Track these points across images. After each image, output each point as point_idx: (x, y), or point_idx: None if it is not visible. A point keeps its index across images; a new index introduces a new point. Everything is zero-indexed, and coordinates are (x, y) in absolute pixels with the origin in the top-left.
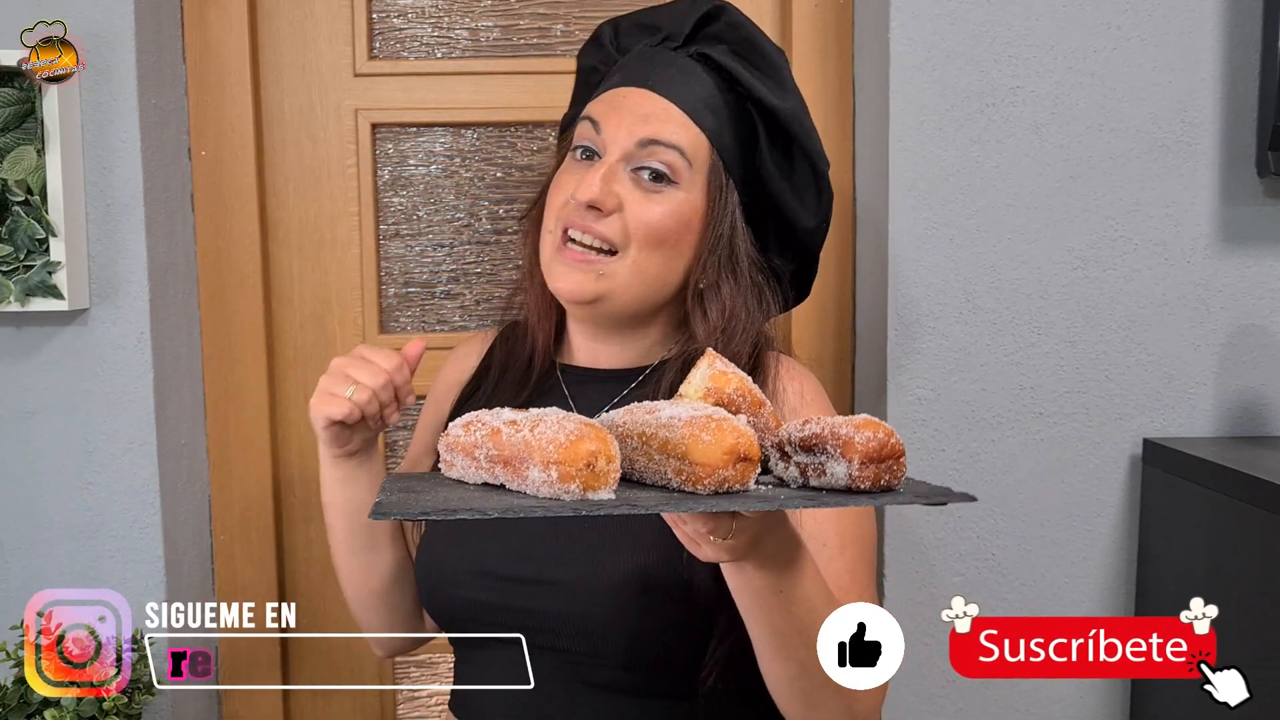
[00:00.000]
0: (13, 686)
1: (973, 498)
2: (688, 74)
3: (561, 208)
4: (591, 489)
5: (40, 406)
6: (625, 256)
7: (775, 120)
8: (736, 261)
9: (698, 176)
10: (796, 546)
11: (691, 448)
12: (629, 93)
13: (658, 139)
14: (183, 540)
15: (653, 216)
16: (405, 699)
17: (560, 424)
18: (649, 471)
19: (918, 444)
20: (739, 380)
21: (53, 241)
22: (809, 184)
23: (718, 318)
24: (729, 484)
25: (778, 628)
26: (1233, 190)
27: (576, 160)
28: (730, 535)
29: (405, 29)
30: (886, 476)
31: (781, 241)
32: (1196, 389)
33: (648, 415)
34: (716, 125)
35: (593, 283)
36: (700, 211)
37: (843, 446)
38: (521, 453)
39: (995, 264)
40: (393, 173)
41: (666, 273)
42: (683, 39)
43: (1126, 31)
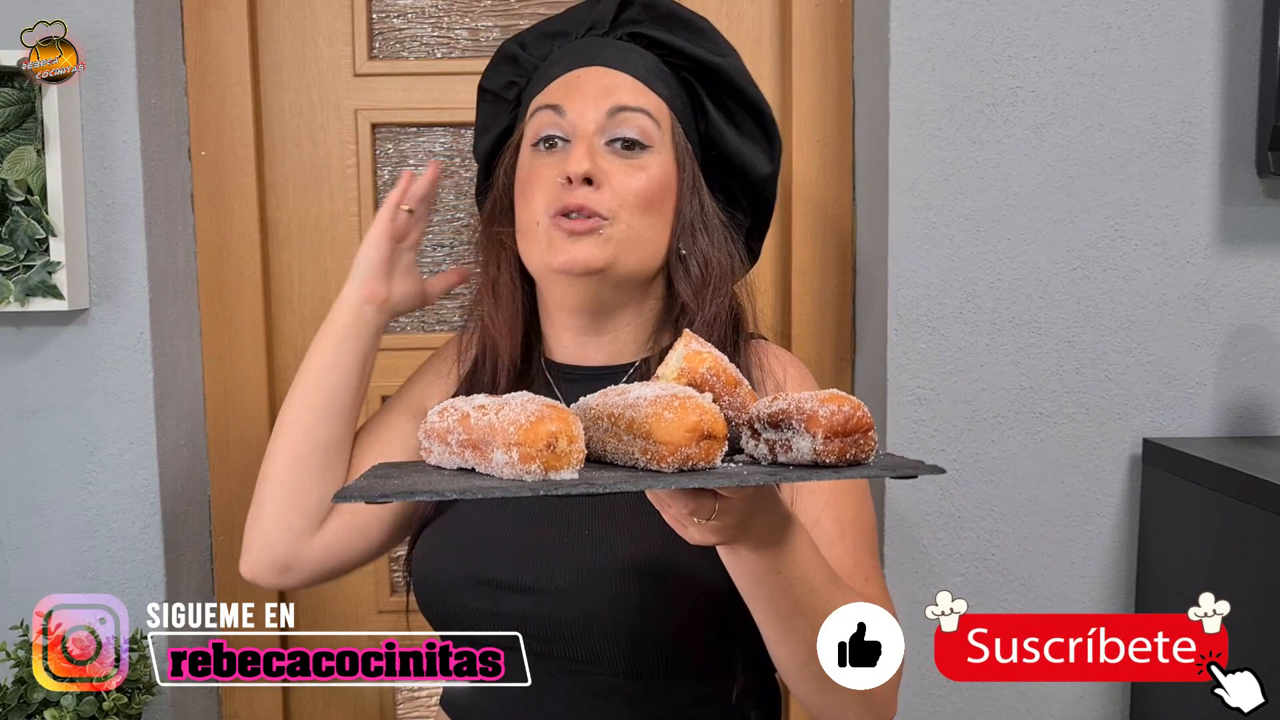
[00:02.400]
0: (13, 686)
1: (941, 470)
2: (627, 51)
3: (547, 193)
4: (554, 469)
5: (40, 406)
6: (618, 221)
7: (716, 77)
8: (708, 217)
9: (665, 139)
10: (789, 526)
11: (655, 426)
12: (583, 73)
13: (626, 105)
14: (183, 540)
15: (638, 183)
16: (405, 698)
17: (523, 406)
18: (619, 453)
19: (917, 444)
20: (713, 359)
21: (53, 241)
22: (756, 132)
23: (698, 271)
24: (693, 461)
25: (780, 611)
26: (1233, 190)
27: (541, 153)
28: (714, 516)
29: (405, 29)
30: (853, 450)
31: (738, 195)
32: (1196, 389)
33: (618, 397)
34: (668, 92)
35: (600, 250)
36: (674, 173)
37: (807, 421)
38: (486, 436)
39: (995, 264)
40: (393, 173)
41: (656, 234)
42: (608, 25)
43: (1126, 31)
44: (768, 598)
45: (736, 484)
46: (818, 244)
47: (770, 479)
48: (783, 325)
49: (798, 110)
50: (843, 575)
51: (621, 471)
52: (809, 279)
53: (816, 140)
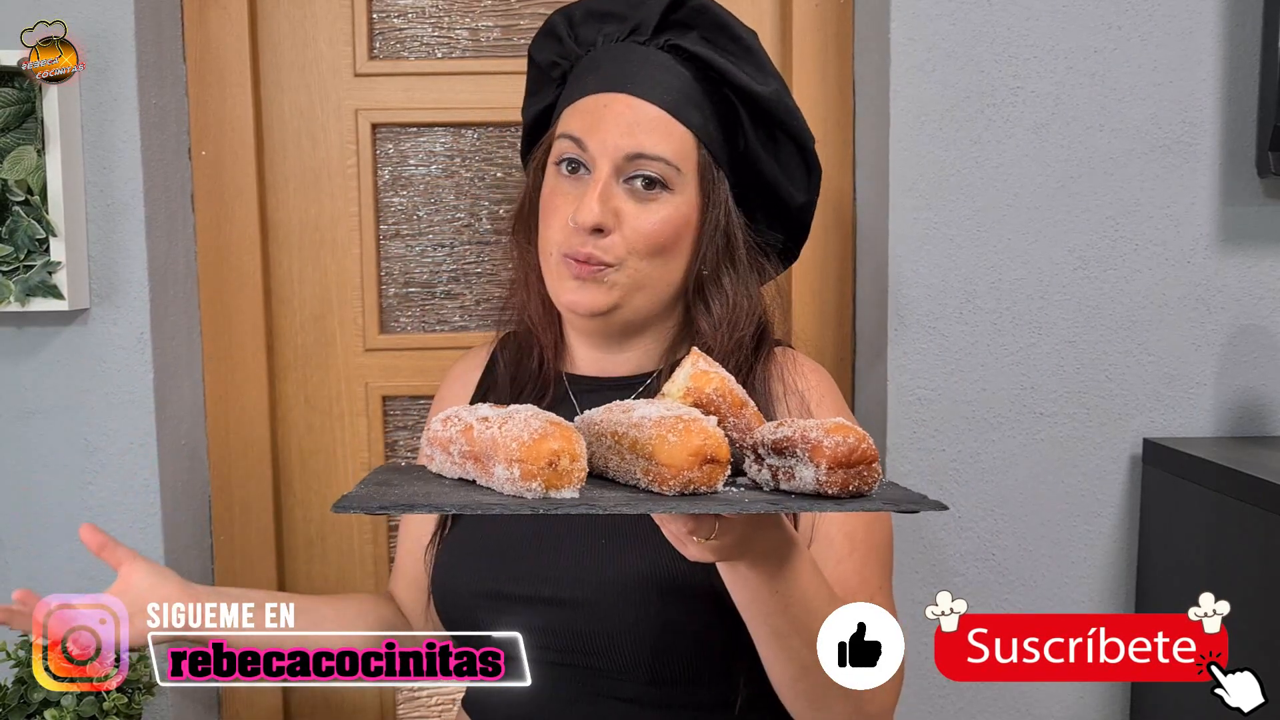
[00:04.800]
0: (13, 686)
1: (944, 506)
2: (663, 69)
3: (560, 231)
4: (554, 488)
5: (40, 406)
6: (624, 268)
7: (757, 105)
8: (734, 249)
9: (689, 178)
10: (789, 546)
11: (658, 448)
12: (609, 100)
13: (643, 153)
14: (183, 540)
15: (649, 226)
16: (405, 699)
17: (526, 422)
18: (621, 471)
19: (917, 444)
20: (720, 380)
21: (53, 241)
22: (796, 163)
23: (721, 310)
24: (694, 485)
25: (776, 628)
26: (1233, 190)
27: (563, 175)
28: (714, 535)
29: (405, 29)
30: (856, 482)
31: (772, 217)
32: (1196, 389)
33: (623, 414)
34: (700, 119)
35: (603, 295)
36: (696, 208)
37: (811, 450)
38: (489, 449)
39: (995, 264)
40: (393, 173)
41: (667, 274)
42: (651, 30)
43: (1126, 31)
44: (764, 615)
45: (737, 511)
46: (818, 244)
47: (771, 508)
48: (783, 325)
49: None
50: (848, 592)
51: (622, 492)
52: (809, 279)
53: (816, 140)
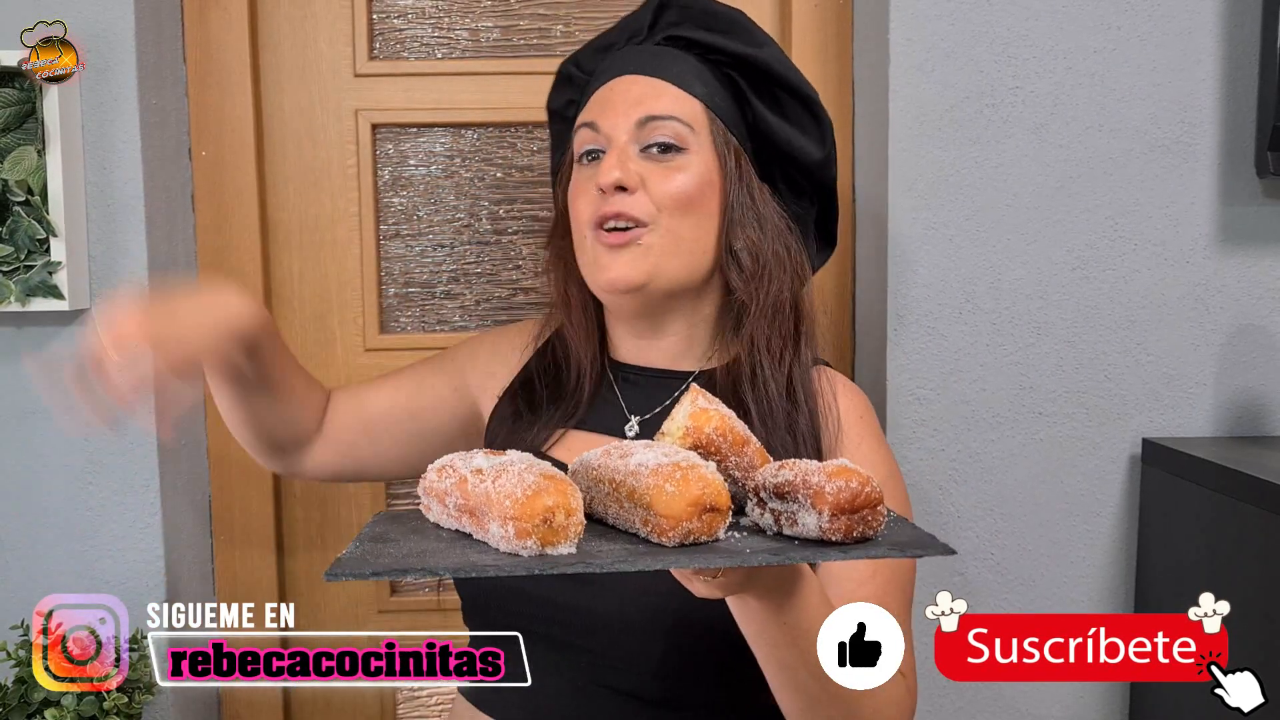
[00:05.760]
0: (13, 686)
1: (951, 550)
2: (664, 56)
3: (589, 205)
4: (550, 544)
5: (40, 406)
6: (658, 226)
7: (755, 68)
8: (760, 212)
9: (703, 139)
10: (798, 577)
11: (655, 499)
12: (615, 84)
13: (654, 114)
14: (183, 540)
15: (675, 185)
16: (405, 698)
17: (520, 476)
18: (620, 519)
19: (917, 444)
20: (720, 418)
21: (53, 241)
22: (805, 118)
23: (750, 264)
24: (694, 535)
25: (784, 660)
26: (1232, 190)
27: (584, 166)
28: (720, 574)
29: (405, 29)
30: (860, 527)
31: (798, 185)
32: (1196, 389)
33: (620, 460)
34: (706, 91)
35: (638, 264)
36: (716, 170)
37: (813, 496)
38: (483, 505)
39: (995, 264)
40: (393, 173)
41: (701, 234)
42: (646, 32)
43: (1126, 31)
44: (771, 646)
45: (737, 564)
46: None
47: (773, 559)
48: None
49: None
50: None
51: (620, 547)
52: None
53: None
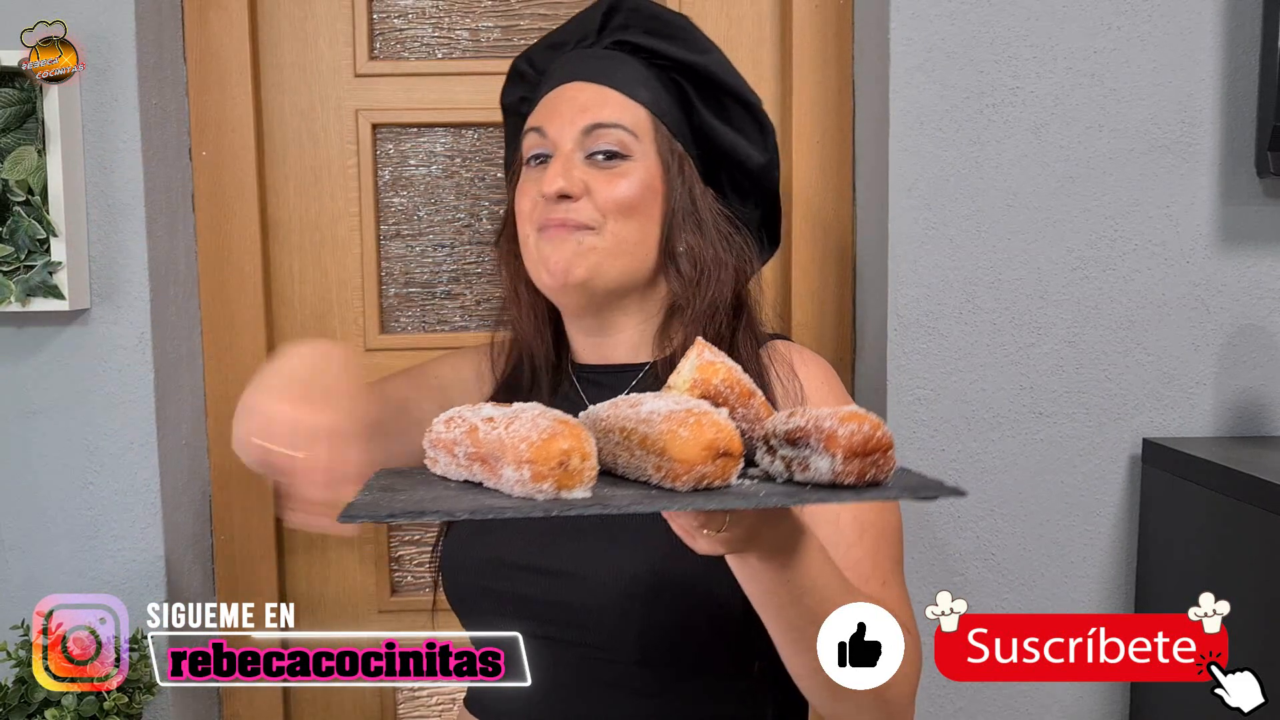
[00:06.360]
0: (13, 686)
1: (962, 492)
2: (611, 60)
3: (532, 210)
4: (566, 488)
5: (40, 406)
6: (603, 231)
7: (698, 75)
8: (700, 216)
9: (647, 146)
10: (800, 536)
11: (669, 444)
12: (562, 90)
13: (599, 122)
14: (183, 540)
15: (619, 191)
16: (405, 698)
17: (534, 421)
18: (631, 467)
19: (917, 444)
20: (727, 370)
21: (53, 241)
22: (749, 123)
23: (689, 269)
24: (708, 480)
25: (791, 621)
26: (1232, 190)
27: (531, 169)
28: (724, 528)
29: (405, 29)
30: (873, 471)
31: (742, 188)
32: (1196, 389)
33: (630, 409)
34: (651, 97)
35: (580, 258)
36: (659, 175)
37: (826, 440)
38: (496, 451)
39: (995, 264)
40: (393, 173)
41: (644, 237)
42: (595, 36)
43: (1126, 31)
44: (778, 607)
45: (754, 506)
46: (818, 244)
47: (788, 501)
48: (783, 325)
49: (798, 110)
50: (859, 578)
51: (635, 490)
52: (809, 279)
53: (816, 140)
